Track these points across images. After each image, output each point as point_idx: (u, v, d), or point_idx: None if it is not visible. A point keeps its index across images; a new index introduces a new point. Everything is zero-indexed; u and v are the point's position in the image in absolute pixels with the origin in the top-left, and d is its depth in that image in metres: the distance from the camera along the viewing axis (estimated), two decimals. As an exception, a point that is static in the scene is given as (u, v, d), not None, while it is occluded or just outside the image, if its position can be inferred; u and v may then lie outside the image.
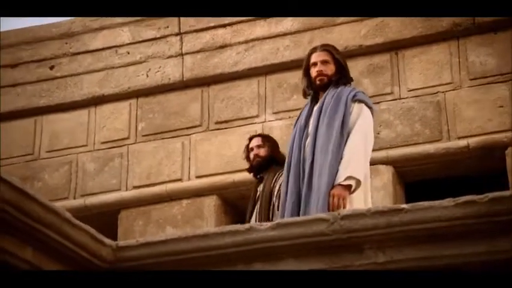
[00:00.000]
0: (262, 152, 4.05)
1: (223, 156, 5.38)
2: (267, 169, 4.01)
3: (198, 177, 5.42)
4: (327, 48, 3.61)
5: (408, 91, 5.21)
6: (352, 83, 3.66)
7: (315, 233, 2.41)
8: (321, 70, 3.51)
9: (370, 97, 5.26)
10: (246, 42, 5.56)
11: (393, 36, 5.24)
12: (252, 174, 4.14)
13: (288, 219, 2.56)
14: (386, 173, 5.03)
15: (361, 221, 2.40)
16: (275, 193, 3.84)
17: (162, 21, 5.80)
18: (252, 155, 4.09)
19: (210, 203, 5.31)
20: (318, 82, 3.52)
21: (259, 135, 4.24)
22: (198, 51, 5.68)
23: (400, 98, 5.21)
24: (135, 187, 5.54)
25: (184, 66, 5.69)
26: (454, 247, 2.34)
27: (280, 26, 5.51)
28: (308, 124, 3.49)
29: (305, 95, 3.65)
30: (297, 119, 3.60)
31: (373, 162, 5.09)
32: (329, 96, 3.47)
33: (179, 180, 5.45)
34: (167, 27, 5.79)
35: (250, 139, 4.18)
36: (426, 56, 5.21)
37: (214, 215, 5.25)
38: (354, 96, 3.46)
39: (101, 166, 5.63)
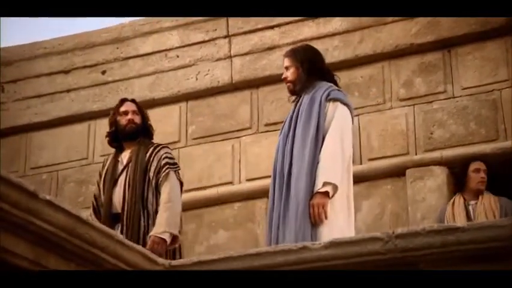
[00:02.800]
0: (138, 119, 3.72)
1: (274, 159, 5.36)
2: (133, 139, 3.67)
3: (248, 180, 5.42)
4: (287, 54, 3.54)
5: (462, 89, 5.08)
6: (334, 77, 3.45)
7: (369, 252, 2.38)
8: (285, 77, 3.47)
9: (422, 96, 5.24)
10: (294, 43, 5.49)
11: (445, 33, 5.11)
12: (109, 139, 3.75)
13: (342, 238, 2.53)
14: (441, 175, 4.93)
15: (416, 240, 2.36)
16: (152, 168, 3.55)
17: (210, 24, 5.80)
18: (124, 120, 3.69)
19: (262, 205, 5.30)
20: (288, 89, 3.49)
21: (132, 101, 3.83)
22: (246, 53, 5.66)
23: (454, 97, 5.09)
24: (187, 190, 5.56)
25: (233, 69, 5.68)
26: (513, 267, 2.27)
27: (329, 26, 5.44)
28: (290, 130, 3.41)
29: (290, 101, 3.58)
30: (283, 126, 3.50)
31: (427, 163, 5.03)
32: (305, 98, 3.37)
33: (231, 183, 5.46)
34: (216, 29, 5.80)
35: (122, 101, 3.79)
36: (480, 53, 5.07)
37: (266, 218, 5.23)
38: (328, 95, 3.32)
39: (153, 170, 5.69)
